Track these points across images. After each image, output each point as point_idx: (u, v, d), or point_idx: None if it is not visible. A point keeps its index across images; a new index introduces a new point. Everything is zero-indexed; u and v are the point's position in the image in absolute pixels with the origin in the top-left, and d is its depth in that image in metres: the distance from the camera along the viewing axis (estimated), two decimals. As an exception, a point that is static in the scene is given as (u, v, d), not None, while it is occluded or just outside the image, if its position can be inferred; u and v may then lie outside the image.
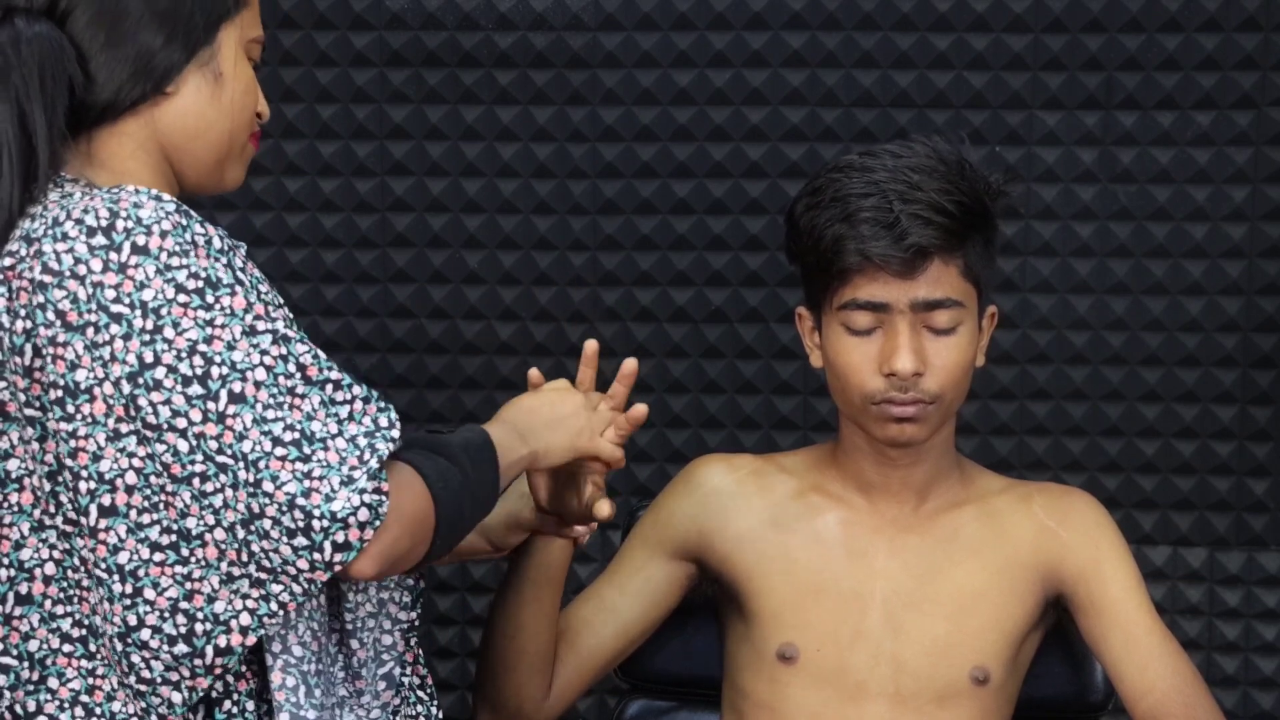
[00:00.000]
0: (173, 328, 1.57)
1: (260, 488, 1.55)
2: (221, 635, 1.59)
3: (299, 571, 1.57)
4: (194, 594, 1.59)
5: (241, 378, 1.57)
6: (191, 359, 1.57)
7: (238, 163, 1.77)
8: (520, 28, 2.82)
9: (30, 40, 1.64)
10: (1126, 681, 2.07)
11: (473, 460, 1.72)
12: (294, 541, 1.55)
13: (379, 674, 1.76)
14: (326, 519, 1.55)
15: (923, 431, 2.05)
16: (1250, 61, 2.76)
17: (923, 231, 1.98)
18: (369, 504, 1.56)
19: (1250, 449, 2.85)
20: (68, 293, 1.58)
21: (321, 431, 1.58)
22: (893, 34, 2.79)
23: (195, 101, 1.71)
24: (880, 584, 2.12)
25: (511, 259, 2.88)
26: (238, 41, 1.73)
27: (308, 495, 1.55)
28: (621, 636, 2.17)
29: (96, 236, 1.59)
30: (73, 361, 1.58)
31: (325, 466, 1.56)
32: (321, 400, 1.60)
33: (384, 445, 1.59)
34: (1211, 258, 2.81)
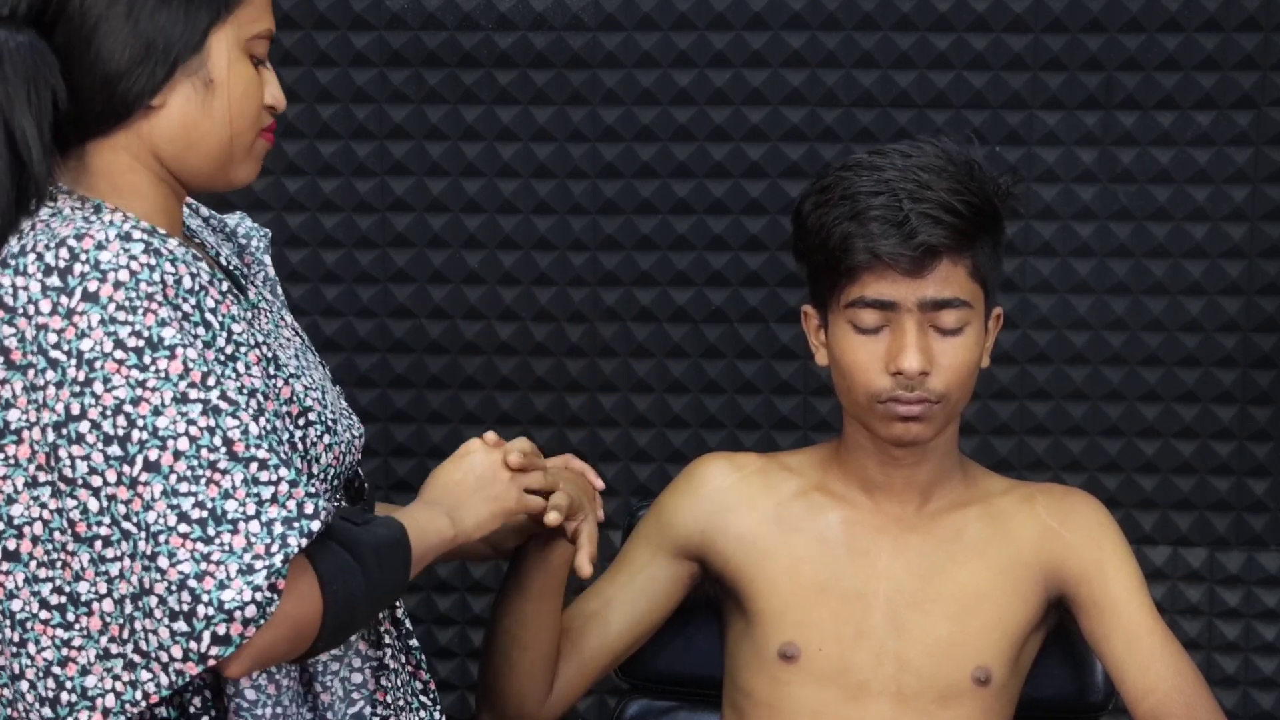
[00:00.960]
0: (103, 383, 1.53)
1: (155, 562, 1.51)
2: (85, 711, 1.57)
3: (170, 660, 1.53)
4: (68, 661, 1.57)
5: (161, 445, 1.53)
6: (115, 418, 1.53)
7: (246, 162, 1.72)
8: (520, 28, 2.82)
9: (13, 51, 1.60)
10: (1128, 682, 2.07)
11: (381, 562, 1.65)
12: (174, 625, 1.51)
13: (349, 713, 1.74)
14: (212, 607, 1.50)
15: (928, 431, 2.05)
16: (1250, 61, 2.76)
17: (932, 230, 1.98)
18: (259, 601, 1.51)
19: (1250, 449, 2.86)
20: (16, 330, 1.56)
21: (235, 512, 1.52)
22: (893, 34, 2.79)
23: (185, 112, 1.66)
24: (883, 583, 2.12)
25: (511, 259, 2.87)
26: (233, 43, 1.67)
27: (200, 579, 1.50)
28: (624, 635, 2.17)
29: (52, 277, 1.55)
30: (8, 400, 1.56)
31: (226, 551, 1.51)
32: (245, 478, 1.54)
33: (295, 540, 1.54)
34: (1211, 258, 2.81)
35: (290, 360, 1.73)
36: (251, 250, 1.89)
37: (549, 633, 2.11)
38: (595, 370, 2.87)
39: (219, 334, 1.60)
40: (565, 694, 2.16)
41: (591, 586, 2.21)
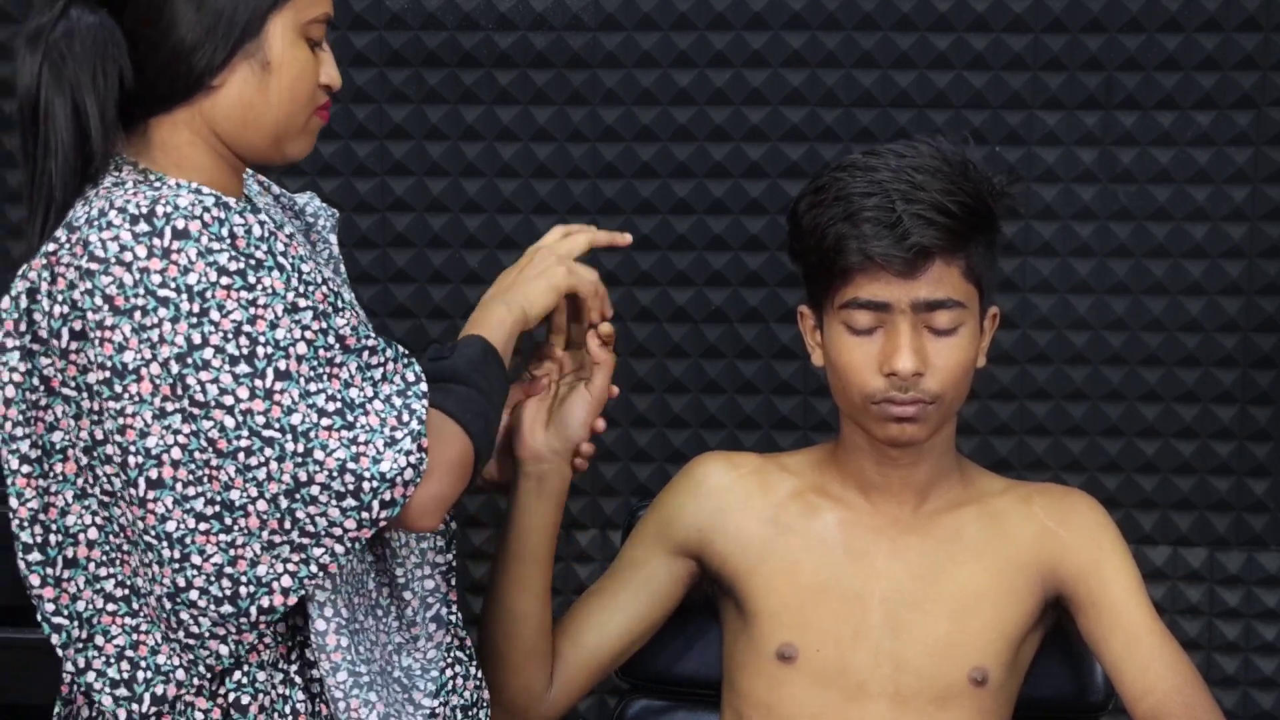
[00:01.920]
0: (218, 310, 1.65)
1: (311, 456, 1.66)
2: (265, 596, 1.70)
3: (344, 532, 1.68)
4: (238, 559, 1.69)
5: (285, 354, 1.67)
6: (238, 339, 1.66)
7: (300, 138, 1.82)
8: (520, 28, 2.82)
9: (84, 31, 1.70)
10: (1127, 682, 2.07)
11: (483, 374, 1.84)
12: (344, 504, 1.67)
13: (429, 617, 1.88)
14: (376, 479, 1.67)
15: (923, 431, 2.05)
16: (1250, 61, 2.76)
17: (925, 231, 1.98)
18: (413, 464, 1.68)
19: (1250, 449, 2.86)
20: (114, 279, 1.65)
21: (360, 397, 1.69)
22: (893, 34, 2.79)
23: (242, 92, 1.76)
24: (880, 584, 2.12)
25: (511, 259, 2.85)
26: (290, 27, 1.76)
27: (357, 460, 1.66)
28: (624, 633, 2.18)
29: (139, 224, 1.66)
30: (120, 344, 1.65)
31: (369, 431, 1.68)
32: (358, 366, 1.72)
33: (418, 403, 1.71)
34: (1211, 258, 2.81)
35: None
36: (319, 229, 2.02)
37: (537, 617, 2.10)
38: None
39: (291, 275, 1.71)
40: (566, 691, 2.16)
41: (592, 586, 2.22)
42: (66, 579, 1.75)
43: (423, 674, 1.86)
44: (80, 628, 1.76)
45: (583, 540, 2.94)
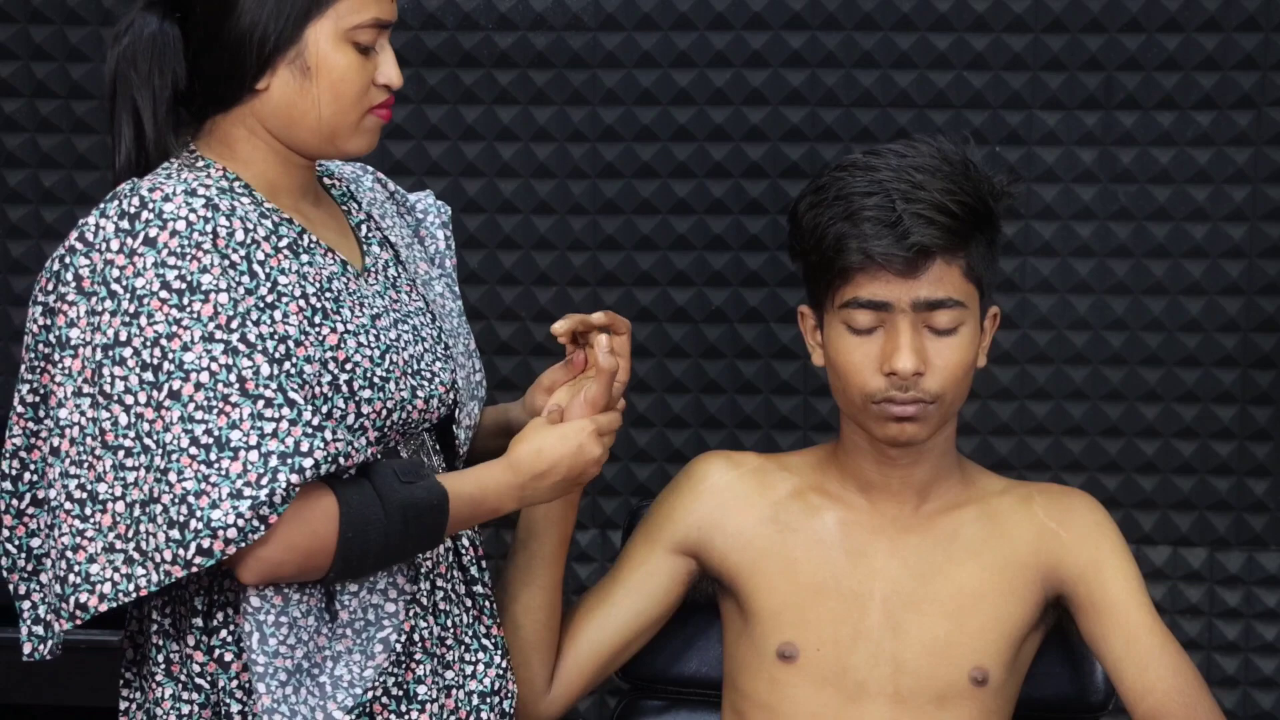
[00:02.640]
0: (147, 317, 1.75)
1: (166, 476, 1.73)
2: (85, 593, 1.78)
3: (161, 561, 1.73)
4: (79, 548, 1.78)
5: (185, 377, 1.74)
6: (153, 349, 1.75)
7: (355, 136, 1.89)
8: (520, 28, 2.82)
9: (144, 39, 1.85)
10: (1127, 682, 2.06)
11: (407, 522, 1.83)
12: (170, 532, 1.72)
13: (377, 636, 1.88)
14: (202, 523, 1.71)
15: (923, 431, 2.05)
16: (1250, 61, 2.76)
17: (925, 231, 1.98)
18: (241, 526, 1.72)
19: (1250, 449, 2.86)
20: (90, 262, 1.79)
21: (239, 441, 1.73)
22: (893, 34, 2.79)
23: (285, 95, 1.85)
24: (880, 584, 2.12)
25: (511, 259, 2.88)
26: (331, 34, 1.84)
27: (198, 496, 1.72)
28: (624, 632, 2.17)
29: (123, 220, 1.78)
30: (72, 320, 1.79)
31: (222, 475, 1.72)
32: (252, 413, 1.74)
33: (285, 476, 1.73)
34: (1211, 258, 2.81)
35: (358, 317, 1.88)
36: (427, 225, 2.13)
37: (543, 613, 2.11)
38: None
39: (263, 283, 1.79)
40: (567, 690, 2.16)
41: (592, 585, 2.22)
42: (29, 515, 1.85)
43: (348, 688, 1.86)
44: (28, 560, 1.86)
45: (583, 540, 2.94)
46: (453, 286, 2.12)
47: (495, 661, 1.98)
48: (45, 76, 2.88)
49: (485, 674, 1.97)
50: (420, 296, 2.00)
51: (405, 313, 1.95)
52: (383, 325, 1.90)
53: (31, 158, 2.89)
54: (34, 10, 2.86)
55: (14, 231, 2.91)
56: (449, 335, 2.00)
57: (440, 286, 2.06)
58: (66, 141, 2.89)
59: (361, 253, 1.97)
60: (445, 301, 2.05)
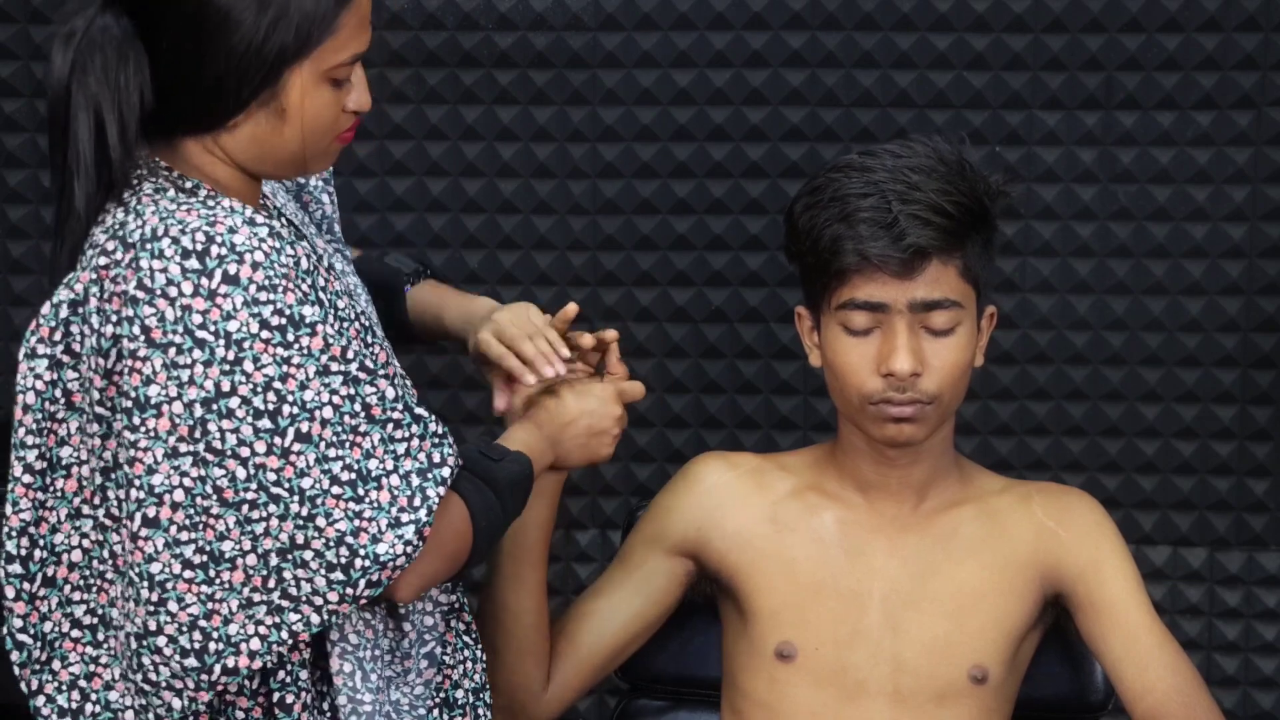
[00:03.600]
0: (252, 362, 1.65)
1: (313, 522, 1.66)
2: (231, 656, 1.69)
3: (325, 603, 1.68)
4: (213, 614, 1.68)
5: (310, 417, 1.66)
6: (266, 394, 1.65)
7: (320, 160, 1.80)
8: (520, 28, 2.82)
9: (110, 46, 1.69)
10: (1126, 681, 2.07)
11: (515, 497, 1.86)
12: (331, 575, 1.67)
13: (422, 653, 1.87)
14: (368, 559, 1.67)
15: (920, 431, 2.05)
16: (1250, 61, 2.76)
17: (921, 232, 1.98)
18: (408, 552, 1.69)
19: (1250, 449, 2.86)
20: (156, 310, 1.64)
21: (378, 470, 1.69)
22: (893, 34, 2.79)
23: (256, 134, 1.74)
24: (879, 583, 2.12)
25: (511, 259, 2.88)
26: (310, 76, 1.72)
27: (356, 535, 1.67)
28: (622, 633, 2.18)
29: (190, 259, 1.65)
30: (148, 376, 1.65)
31: (376, 508, 1.68)
32: (381, 438, 1.70)
33: (434, 490, 1.71)
34: (1211, 258, 2.81)
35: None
36: (310, 189, 2.02)
37: (531, 615, 2.11)
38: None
39: (329, 310, 1.71)
40: (564, 690, 2.16)
41: (591, 586, 2.22)
42: (41, 597, 1.74)
43: (410, 710, 1.85)
44: (42, 649, 1.75)
45: (583, 540, 2.94)
46: (344, 253, 2.02)
47: (479, 657, 1.96)
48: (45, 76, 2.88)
49: (474, 670, 1.95)
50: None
51: None
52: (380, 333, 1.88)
53: (31, 158, 2.89)
54: (34, 10, 2.86)
55: (14, 231, 2.91)
56: None
57: (339, 262, 1.95)
58: (66, 141, 2.89)
59: None
60: (348, 278, 1.94)
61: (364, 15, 1.75)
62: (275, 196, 1.92)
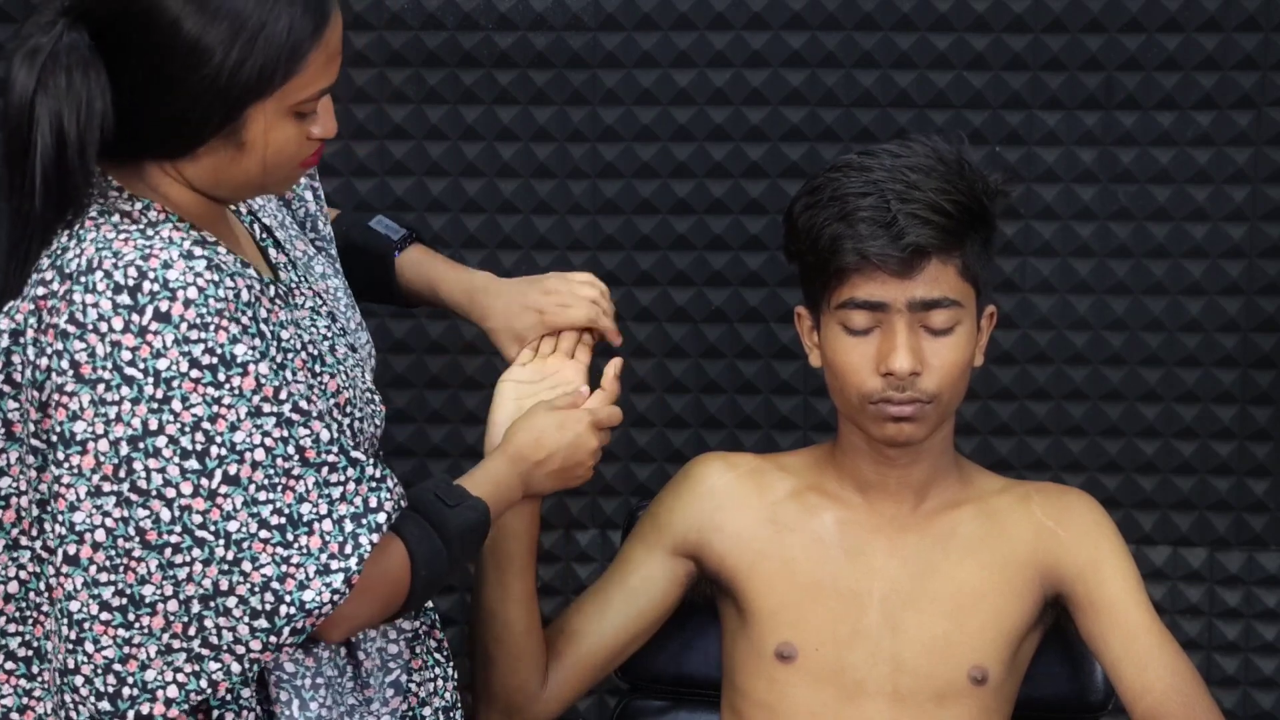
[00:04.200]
0: (181, 401, 1.61)
1: (238, 566, 1.62)
2: (146, 703, 1.66)
3: (247, 651, 1.64)
4: (129, 659, 1.65)
5: (239, 459, 1.62)
6: (194, 434, 1.61)
7: (281, 184, 1.78)
8: (520, 28, 2.82)
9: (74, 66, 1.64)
10: (1125, 681, 2.07)
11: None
12: (255, 623, 1.63)
13: (386, 681, 1.85)
14: (294, 606, 1.63)
15: (920, 431, 2.05)
16: (1250, 61, 2.76)
17: (920, 231, 1.98)
18: (335, 601, 1.65)
19: (1250, 449, 2.86)
20: (87, 346, 1.61)
21: (310, 514, 1.65)
22: (893, 34, 2.79)
23: (215, 165, 1.71)
24: (878, 583, 2.12)
25: (511, 259, 2.88)
26: (274, 112, 1.69)
27: (283, 580, 1.63)
28: (621, 634, 2.18)
29: (122, 295, 1.62)
30: (75, 412, 1.62)
31: (304, 554, 1.64)
32: (316, 481, 1.66)
33: (366, 537, 1.67)
34: (1211, 258, 2.81)
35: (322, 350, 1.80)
36: (295, 187, 1.99)
37: (521, 621, 2.11)
38: (595, 370, 2.88)
39: (271, 343, 1.68)
40: (562, 690, 2.16)
41: (590, 586, 2.22)
42: (65, 575, 1.68)
43: None
44: (71, 628, 1.69)
45: (583, 540, 2.94)
46: (329, 250, 2.00)
47: (450, 675, 1.94)
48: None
49: (444, 689, 1.93)
50: (317, 296, 1.88)
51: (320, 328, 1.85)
52: (339, 352, 1.84)
53: (32, 158, 2.89)
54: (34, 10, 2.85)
55: (14, 231, 2.91)
56: (343, 328, 1.90)
57: (320, 265, 1.94)
58: (67, 141, 2.89)
59: (270, 264, 1.85)
60: (329, 283, 1.93)
61: (332, 52, 1.72)
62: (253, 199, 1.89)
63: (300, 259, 1.91)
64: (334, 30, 1.71)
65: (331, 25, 1.71)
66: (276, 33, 1.66)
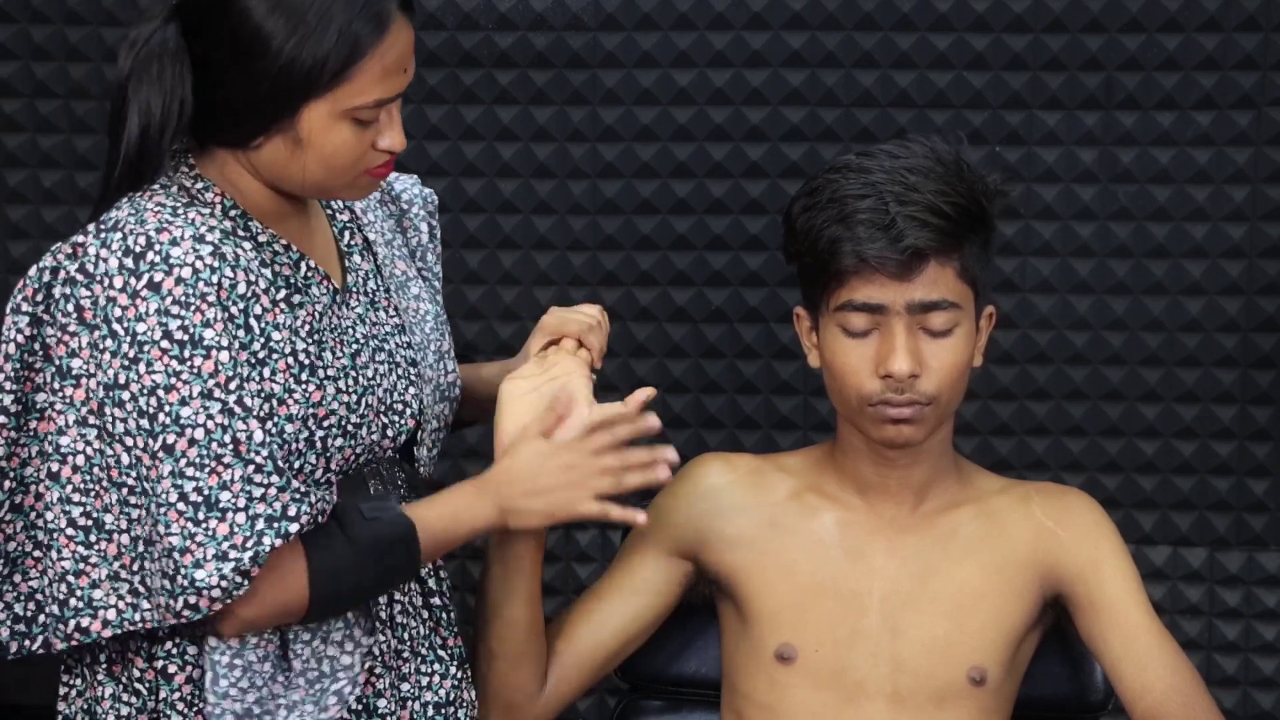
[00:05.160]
0: (145, 365, 1.75)
1: (158, 525, 1.75)
2: (86, 617, 1.81)
3: (159, 604, 1.77)
4: (82, 574, 1.81)
5: (180, 432, 1.75)
6: (150, 397, 1.75)
7: (350, 190, 1.89)
8: (520, 28, 2.82)
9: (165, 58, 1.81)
10: (1125, 681, 2.07)
11: (380, 556, 1.86)
12: (162, 581, 1.76)
13: (331, 689, 1.90)
14: (185, 580, 1.74)
15: (919, 433, 2.05)
16: (1250, 61, 2.76)
17: (919, 233, 1.98)
18: (225, 588, 1.74)
19: (1250, 449, 2.86)
20: (91, 294, 1.77)
21: (228, 503, 1.75)
22: (893, 34, 2.79)
23: (274, 158, 1.84)
24: (878, 584, 2.12)
25: (511, 259, 2.88)
26: (328, 113, 1.80)
27: (183, 554, 1.74)
28: (619, 634, 2.18)
29: (129, 258, 1.77)
30: (74, 350, 1.78)
31: (209, 536, 1.74)
32: (243, 475, 1.76)
33: (270, 539, 1.76)
34: (1211, 258, 2.81)
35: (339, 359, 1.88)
36: (412, 216, 2.11)
37: (526, 621, 2.10)
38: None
39: (257, 338, 1.79)
40: (561, 691, 2.16)
41: (590, 587, 2.22)
42: (6, 521, 1.85)
43: None
44: (4, 565, 1.86)
45: (583, 540, 2.94)
46: (433, 283, 2.10)
47: (450, 672, 2.00)
48: (45, 76, 2.88)
49: (441, 685, 2.00)
50: (396, 311, 1.99)
51: (382, 336, 1.96)
52: (361, 363, 1.91)
53: (31, 158, 2.89)
54: (34, 10, 2.86)
55: (14, 231, 2.91)
56: (420, 349, 2.00)
57: (416, 288, 2.05)
58: (66, 141, 2.89)
59: (343, 268, 1.96)
60: (420, 305, 2.03)
61: (389, 65, 1.81)
62: (367, 213, 2.02)
63: (397, 276, 2.01)
64: (393, 45, 1.81)
65: (390, 39, 1.80)
66: (330, 34, 1.78)
